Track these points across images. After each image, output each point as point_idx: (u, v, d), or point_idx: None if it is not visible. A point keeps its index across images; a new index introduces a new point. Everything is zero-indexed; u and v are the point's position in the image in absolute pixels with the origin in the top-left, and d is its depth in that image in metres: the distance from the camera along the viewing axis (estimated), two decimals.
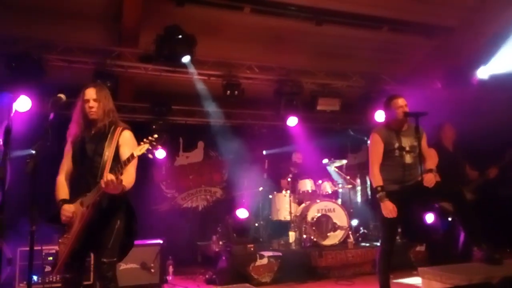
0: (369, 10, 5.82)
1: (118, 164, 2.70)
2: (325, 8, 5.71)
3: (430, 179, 3.43)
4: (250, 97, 6.41)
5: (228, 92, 6.03)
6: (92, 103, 2.85)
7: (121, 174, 2.65)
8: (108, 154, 2.79)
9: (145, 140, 2.63)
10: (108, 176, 2.58)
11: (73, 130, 2.92)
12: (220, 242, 5.91)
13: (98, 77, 5.51)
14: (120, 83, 5.95)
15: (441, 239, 5.17)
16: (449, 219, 4.57)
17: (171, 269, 5.55)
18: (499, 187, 6.44)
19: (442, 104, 6.88)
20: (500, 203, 6.47)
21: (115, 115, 2.98)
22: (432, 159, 3.72)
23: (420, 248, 5.67)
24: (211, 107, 6.84)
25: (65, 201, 2.79)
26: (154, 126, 6.65)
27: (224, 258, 5.16)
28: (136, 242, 5.19)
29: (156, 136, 2.64)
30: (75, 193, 2.83)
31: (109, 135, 2.85)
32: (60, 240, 2.78)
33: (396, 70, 7.09)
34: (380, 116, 6.45)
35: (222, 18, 5.68)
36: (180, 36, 5.07)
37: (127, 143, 2.87)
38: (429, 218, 4.89)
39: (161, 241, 5.24)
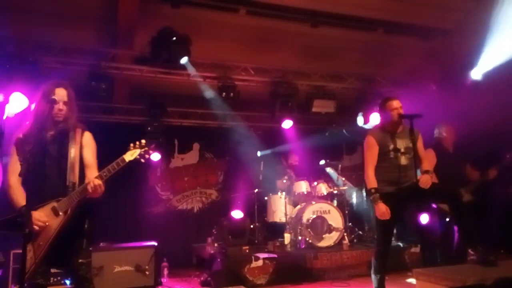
0: (364, 12, 5.83)
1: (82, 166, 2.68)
2: (320, 10, 5.72)
3: (426, 181, 3.45)
4: (245, 99, 6.41)
5: (224, 94, 6.04)
6: (61, 106, 2.73)
7: (106, 178, 2.63)
8: (74, 155, 2.71)
9: (134, 145, 2.62)
10: (96, 181, 2.57)
11: (27, 128, 2.72)
12: (215, 244, 5.90)
13: (93, 79, 5.52)
14: (115, 85, 5.93)
15: (436, 240, 5.19)
16: (447, 219, 4.57)
17: (165, 271, 5.53)
18: (497, 188, 6.48)
19: (437, 106, 6.92)
20: (497, 204, 6.51)
21: (76, 115, 2.87)
22: (428, 160, 3.74)
23: (415, 249, 5.67)
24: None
25: (29, 208, 2.50)
26: (149, 128, 6.63)
27: (219, 260, 5.14)
28: (131, 244, 5.27)
29: (144, 141, 2.63)
30: (37, 196, 2.61)
31: (70, 136, 2.77)
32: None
33: (391, 72, 7.11)
34: (375, 118, 6.47)
35: (218, 20, 5.68)
36: (175, 38, 5.07)
37: (89, 145, 2.82)
38: (424, 219, 4.89)
39: (155, 243, 5.22)
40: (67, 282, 4.24)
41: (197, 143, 7.79)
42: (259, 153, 7.15)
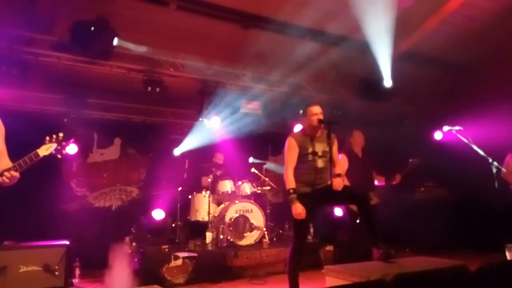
0: (297, 19, 6.02)
1: None
2: (253, 13, 5.80)
3: (338, 183, 3.68)
4: (173, 95, 6.30)
5: (149, 88, 5.86)
6: None
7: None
8: None
9: (51, 138, 2.46)
10: (13, 172, 2.46)
11: None
12: (133, 244, 5.71)
13: (3, 63, 5.04)
14: (29, 71, 5.48)
15: (348, 239, 5.55)
16: (357, 221, 4.90)
17: (77, 271, 5.23)
18: (402, 192, 7.10)
19: (356, 114, 7.39)
20: (402, 207, 7.13)
21: None
22: (340, 164, 3.98)
23: (329, 247, 5.99)
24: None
25: None
26: (65, 120, 6.22)
27: (136, 259, 4.99)
28: (39, 243, 4.90)
29: (61, 134, 2.48)
30: None
31: None
32: None
33: (317, 79, 7.42)
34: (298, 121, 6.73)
35: (147, 11, 5.50)
36: (99, 26, 4.81)
37: None
38: (338, 211, 5.21)
39: (67, 242, 4.92)
40: None
41: (119, 138, 7.45)
42: (184, 151, 7.06)
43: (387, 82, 6.43)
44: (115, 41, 5.10)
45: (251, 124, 8.02)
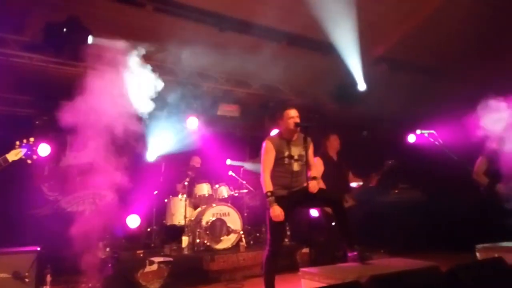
0: (269, 22, 6.05)
1: None
2: (230, 16, 5.80)
3: (314, 186, 3.71)
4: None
5: None
6: None
7: None
8: None
9: (21, 143, 2.39)
10: None
11: None
12: (107, 249, 5.59)
13: None
14: None
15: (324, 241, 5.59)
16: (333, 223, 4.95)
17: (49, 278, 5.06)
18: (376, 195, 7.23)
19: (333, 117, 7.48)
20: (377, 209, 7.26)
21: None
22: (316, 167, 4.02)
23: (306, 250, 6.02)
24: None
25: None
26: (37, 122, 6.05)
27: (110, 265, 4.89)
28: (8, 249, 4.73)
29: (32, 139, 2.41)
30: None
31: None
32: None
33: (294, 82, 7.48)
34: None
35: (122, 12, 5.42)
36: (71, 26, 4.71)
37: None
38: (314, 212, 5.24)
39: (38, 248, 4.77)
40: None
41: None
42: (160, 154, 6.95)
43: (361, 86, 6.55)
44: (90, 40, 4.99)
45: (229, 127, 8.02)
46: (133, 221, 5.95)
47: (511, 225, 5.04)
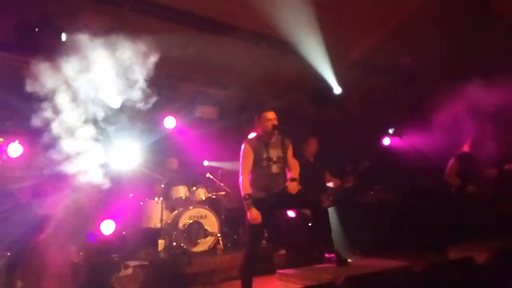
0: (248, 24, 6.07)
1: None
2: (209, 17, 5.78)
3: (293, 187, 3.75)
4: None
5: None
6: None
7: None
8: None
9: None
10: None
11: None
12: (81, 253, 5.45)
13: None
14: None
15: (301, 243, 5.63)
16: (309, 224, 5.00)
17: (19, 284, 4.93)
18: (352, 196, 7.34)
19: (310, 120, 7.55)
20: (352, 210, 7.36)
21: None
22: (295, 169, 4.05)
23: (283, 251, 6.04)
24: None
25: None
26: (8, 123, 5.85)
27: (83, 270, 4.78)
28: None
29: (1, 139, 2.34)
30: None
31: None
32: None
33: (272, 85, 7.51)
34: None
35: (98, 12, 5.31)
36: (43, 24, 4.59)
37: None
38: (291, 213, 5.28)
39: (7, 253, 4.63)
40: None
41: None
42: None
43: (336, 90, 6.65)
44: (64, 38, 4.87)
45: (206, 129, 7.97)
46: (108, 227, 5.74)
47: (481, 225, 5.22)
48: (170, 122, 6.75)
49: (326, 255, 3.69)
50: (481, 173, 5.32)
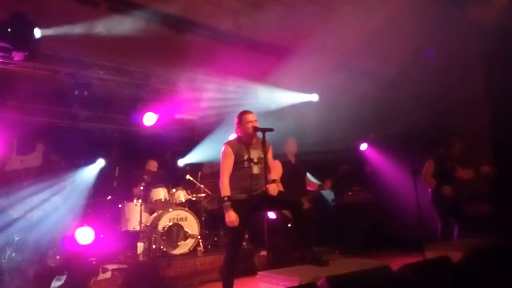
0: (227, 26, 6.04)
1: None
2: (188, 18, 5.74)
3: (273, 189, 3.76)
4: (102, 99, 6.02)
5: (76, 92, 5.56)
6: None
7: None
8: None
9: None
10: None
11: None
12: (57, 257, 5.33)
13: None
14: None
15: (281, 244, 5.64)
16: (289, 225, 5.03)
17: None
18: (334, 197, 7.43)
19: (289, 121, 7.58)
20: (331, 211, 7.45)
21: None
22: (275, 170, 4.07)
23: (263, 253, 6.04)
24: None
25: None
26: None
27: (61, 273, 4.67)
28: None
29: None
30: None
31: None
32: None
33: None
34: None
35: (74, 11, 5.21)
36: (20, 24, 4.46)
37: None
38: (271, 215, 5.29)
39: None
40: None
41: (41, 144, 6.90)
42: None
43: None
44: (38, 34, 4.72)
45: (187, 130, 7.92)
46: (85, 236, 5.46)
47: (456, 225, 5.37)
48: (150, 119, 6.66)
49: (306, 255, 3.72)
50: (457, 174, 5.46)
